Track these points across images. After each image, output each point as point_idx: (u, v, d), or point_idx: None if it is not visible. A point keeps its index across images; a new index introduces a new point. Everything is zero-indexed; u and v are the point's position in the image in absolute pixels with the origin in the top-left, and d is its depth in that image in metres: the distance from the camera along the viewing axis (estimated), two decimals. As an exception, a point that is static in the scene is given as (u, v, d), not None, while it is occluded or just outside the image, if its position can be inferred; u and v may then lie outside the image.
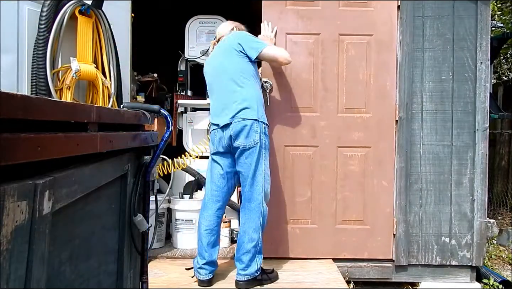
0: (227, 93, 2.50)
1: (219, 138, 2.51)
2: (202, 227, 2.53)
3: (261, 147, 2.43)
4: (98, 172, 1.02)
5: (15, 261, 0.60)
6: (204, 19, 3.99)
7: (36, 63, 2.21)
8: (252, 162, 2.42)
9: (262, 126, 2.44)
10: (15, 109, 0.61)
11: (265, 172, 2.47)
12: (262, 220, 2.47)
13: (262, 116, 2.47)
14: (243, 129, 2.39)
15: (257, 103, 2.47)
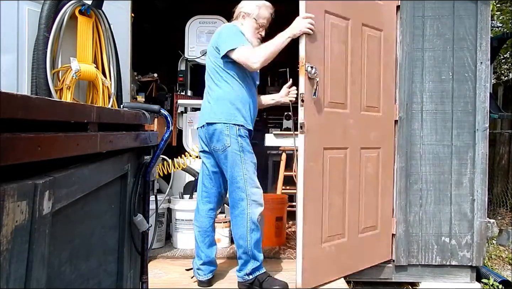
0: (205, 91, 2.48)
1: (200, 137, 2.49)
2: (195, 228, 2.52)
3: (236, 150, 2.33)
4: (98, 172, 1.02)
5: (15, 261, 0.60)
6: (204, 19, 4.00)
7: (36, 63, 2.21)
8: (228, 166, 2.35)
9: (234, 129, 2.33)
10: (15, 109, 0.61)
11: (247, 176, 2.35)
12: (250, 228, 2.33)
13: (235, 118, 2.35)
14: (214, 133, 2.35)
15: (232, 103, 2.36)
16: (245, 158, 2.36)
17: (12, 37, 2.21)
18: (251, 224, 2.34)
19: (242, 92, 2.42)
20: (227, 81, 2.39)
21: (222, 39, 2.41)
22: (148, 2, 4.55)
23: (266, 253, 3.10)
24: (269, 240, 3.28)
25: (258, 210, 2.36)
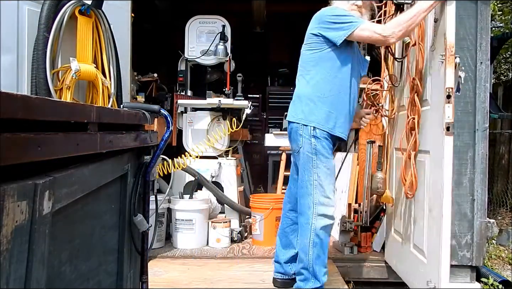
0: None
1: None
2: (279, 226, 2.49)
3: (309, 152, 2.14)
4: (98, 172, 1.02)
5: (15, 261, 0.60)
6: (204, 19, 3.99)
7: (36, 63, 2.20)
8: (300, 168, 2.19)
9: (309, 130, 2.14)
10: (15, 109, 0.61)
11: (318, 182, 2.13)
12: (313, 241, 2.13)
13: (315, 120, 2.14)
14: (290, 132, 2.25)
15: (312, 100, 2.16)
16: (317, 162, 2.14)
17: (12, 37, 2.21)
18: (315, 237, 2.13)
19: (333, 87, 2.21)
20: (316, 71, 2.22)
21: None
22: (148, 2, 4.56)
23: (266, 253, 3.10)
24: (269, 240, 3.28)
25: (325, 223, 2.14)
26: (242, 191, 3.85)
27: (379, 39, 2.12)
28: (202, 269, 2.75)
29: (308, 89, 2.20)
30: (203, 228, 3.25)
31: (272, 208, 3.26)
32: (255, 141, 5.38)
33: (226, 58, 3.86)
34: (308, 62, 2.24)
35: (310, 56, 2.23)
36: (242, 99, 3.77)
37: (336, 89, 2.18)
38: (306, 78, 2.23)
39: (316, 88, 2.18)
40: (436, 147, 2.06)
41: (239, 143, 4.10)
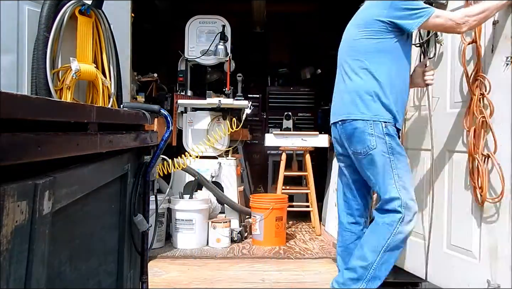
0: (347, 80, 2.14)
1: (334, 136, 2.16)
2: (338, 245, 2.23)
3: (384, 152, 1.95)
4: (98, 172, 1.02)
5: (15, 261, 0.60)
6: (204, 19, 4.00)
7: (36, 63, 2.20)
8: (370, 171, 1.99)
9: (381, 127, 1.96)
10: (15, 109, 0.61)
11: (401, 185, 1.96)
12: (389, 245, 1.93)
13: (386, 116, 1.98)
14: (353, 133, 2.00)
15: (378, 95, 1.99)
16: (396, 162, 1.97)
17: (12, 37, 2.21)
18: (393, 242, 1.93)
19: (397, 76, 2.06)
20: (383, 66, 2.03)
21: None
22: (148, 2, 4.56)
23: (266, 253, 3.10)
24: (269, 240, 3.28)
25: (409, 228, 1.97)
26: (242, 191, 3.85)
27: (451, 27, 1.96)
28: (202, 269, 2.75)
29: (372, 83, 1.99)
30: (203, 228, 3.25)
31: (272, 208, 3.26)
32: (255, 141, 5.39)
33: (226, 58, 3.86)
34: (370, 52, 2.02)
35: (371, 45, 2.01)
36: (242, 99, 3.78)
37: (401, 82, 2.05)
38: (370, 70, 2.00)
39: (382, 81, 1.99)
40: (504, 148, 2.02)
41: (239, 143, 4.10)
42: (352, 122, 2.01)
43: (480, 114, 2.10)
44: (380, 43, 2.00)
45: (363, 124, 1.97)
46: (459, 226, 2.29)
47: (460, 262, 2.26)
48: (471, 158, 2.15)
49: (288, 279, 2.59)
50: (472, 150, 2.13)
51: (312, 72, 5.60)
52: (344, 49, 2.15)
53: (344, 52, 2.15)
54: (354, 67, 2.06)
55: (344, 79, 2.12)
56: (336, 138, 2.17)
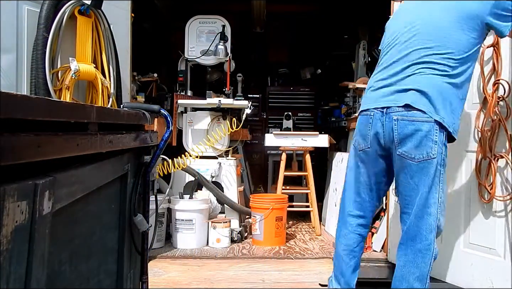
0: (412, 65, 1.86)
1: (376, 130, 1.84)
2: (340, 245, 2.04)
3: (439, 164, 1.77)
4: (98, 172, 1.02)
5: (15, 261, 0.60)
6: (204, 19, 3.99)
7: (35, 63, 2.20)
8: (422, 183, 1.77)
9: (443, 136, 1.76)
10: (15, 109, 0.61)
11: (441, 200, 1.80)
12: (431, 267, 1.82)
13: (453, 126, 1.78)
14: (415, 133, 1.74)
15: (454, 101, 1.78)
16: (444, 176, 1.81)
17: (11, 37, 2.20)
18: (433, 262, 1.82)
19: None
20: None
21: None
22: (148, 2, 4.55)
23: (266, 253, 3.10)
24: (269, 240, 3.28)
25: (437, 245, 1.87)
26: (242, 191, 3.85)
27: None
28: (202, 269, 2.75)
29: (452, 86, 1.77)
30: (203, 228, 3.25)
31: (272, 208, 3.26)
32: (255, 141, 5.39)
33: (226, 58, 3.86)
34: (461, 49, 1.76)
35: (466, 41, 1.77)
36: (242, 99, 3.77)
37: (466, 91, 1.87)
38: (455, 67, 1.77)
39: (460, 83, 1.78)
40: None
41: (239, 143, 4.10)
42: (414, 123, 1.74)
43: (497, 116, 2.13)
44: (472, 43, 1.78)
45: (429, 128, 1.73)
46: (478, 224, 2.30)
47: (480, 260, 2.27)
48: (482, 157, 2.20)
49: (288, 279, 2.58)
50: (485, 150, 2.16)
51: (312, 72, 5.60)
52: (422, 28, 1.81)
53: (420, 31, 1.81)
54: (438, 57, 1.76)
55: (413, 64, 1.79)
56: (378, 132, 1.83)
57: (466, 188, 2.38)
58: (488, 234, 2.24)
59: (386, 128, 1.80)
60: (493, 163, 2.16)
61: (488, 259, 2.24)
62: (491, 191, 2.16)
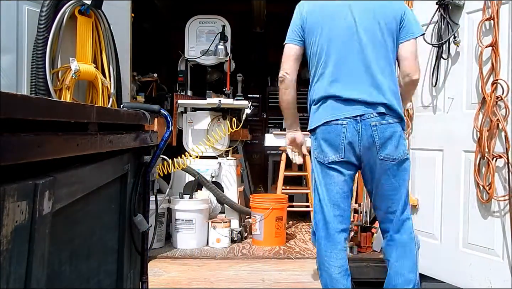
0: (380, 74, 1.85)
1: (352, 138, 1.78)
2: (334, 270, 1.84)
3: (408, 163, 1.87)
4: (98, 172, 1.02)
5: (15, 261, 0.60)
6: (204, 19, 4.00)
7: (36, 63, 2.20)
8: (399, 180, 1.83)
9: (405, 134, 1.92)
10: (15, 109, 0.61)
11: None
12: (418, 254, 1.89)
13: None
14: (393, 135, 1.78)
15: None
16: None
17: (12, 37, 2.20)
18: (418, 248, 1.90)
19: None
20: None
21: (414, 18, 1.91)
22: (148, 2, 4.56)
23: (266, 253, 3.10)
24: (269, 240, 3.28)
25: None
26: (242, 191, 3.85)
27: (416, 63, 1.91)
28: (202, 269, 2.75)
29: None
30: (203, 228, 3.25)
31: (272, 208, 3.26)
32: (255, 141, 5.38)
33: (226, 58, 3.86)
34: (393, 56, 1.87)
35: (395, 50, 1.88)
36: (242, 99, 3.78)
37: None
38: (394, 74, 1.87)
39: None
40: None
41: (239, 143, 4.10)
42: (392, 124, 1.78)
43: (495, 116, 2.14)
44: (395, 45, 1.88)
45: (400, 127, 1.81)
46: (477, 224, 2.30)
47: (479, 260, 2.27)
48: (480, 157, 2.19)
49: (288, 279, 2.59)
50: (484, 150, 2.16)
51: (312, 72, 5.59)
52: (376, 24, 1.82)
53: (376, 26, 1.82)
54: (390, 56, 1.84)
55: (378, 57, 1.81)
56: (338, 141, 1.80)
57: (464, 188, 2.38)
58: (486, 234, 2.24)
59: (362, 135, 1.78)
60: (491, 163, 2.16)
61: (487, 259, 2.24)
62: (490, 191, 2.16)
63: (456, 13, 2.44)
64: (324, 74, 1.87)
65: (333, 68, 1.85)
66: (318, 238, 1.88)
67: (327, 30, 1.86)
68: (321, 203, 1.87)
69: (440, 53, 2.51)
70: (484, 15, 2.25)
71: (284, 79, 1.92)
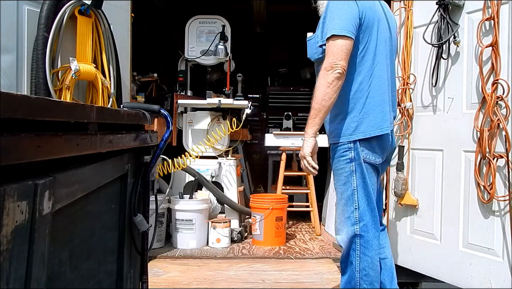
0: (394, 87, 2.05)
1: (385, 144, 1.93)
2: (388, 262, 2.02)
3: None
4: (98, 172, 1.02)
5: (15, 261, 0.60)
6: (204, 19, 4.00)
7: (36, 63, 2.20)
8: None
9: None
10: (15, 109, 0.61)
11: None
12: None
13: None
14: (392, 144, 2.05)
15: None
16: None
17: (12, 37, 2.20)
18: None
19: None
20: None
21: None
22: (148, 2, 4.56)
23: (266, 253, 3.10)
24: (269, 240, 3.28)
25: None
26: (242, 191, 3.85)
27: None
28: (202, 269, 2.75)
29: None
30: (203, 228, 3.25)
31: (272, 208, 3.26)
32: (255, 141, 5.38)
33: (226, 58, 3.86)
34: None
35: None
36: (242, 99, 3.78)
37: None
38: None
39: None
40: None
41: (239, 143, 4.10)
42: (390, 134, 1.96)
43: (496, 116, 2.15)
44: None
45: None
46: (477, 224, 2.30)
47: (479, 260, 2.27)
48: (481, 157, 2.20)
49: (288, 279, 2.59)
50: (484, 150, 2.16)
51: (312, 72, 5.59)
52: (388, 48, 1.95)
53: (388, 51, 1.95)
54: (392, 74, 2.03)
55: (394, 73, 2.06)
56: (388, 146, 1.95)
57: (464, 188, 2.38)
58: (486, 234, 2.24)
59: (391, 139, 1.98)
60: (492, 163, 2.16)
61: (487, 259, 2.24)
62: (491, 191, 2.16)
63: (456, 13, 2.44)
64: (380, 77, 1.89)
65: (385, 72, 1.93)
66: (369, 239, 1.87)
67: (381, 31, 1.88)
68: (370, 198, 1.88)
69: (440, 53, 2.51)
70: (484, 15, 2.25)
71: (342, 76, 1.75)
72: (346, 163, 1.87)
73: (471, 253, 2.33)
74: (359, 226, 1.86)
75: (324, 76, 1.76)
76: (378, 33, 1.86)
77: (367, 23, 1.82)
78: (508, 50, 2.16)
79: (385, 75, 1.90)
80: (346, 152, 1.87)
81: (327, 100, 1.76)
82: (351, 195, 1.86)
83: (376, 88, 1.85)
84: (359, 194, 1.86)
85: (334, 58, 1.74)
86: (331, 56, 1.75)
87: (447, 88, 2.50)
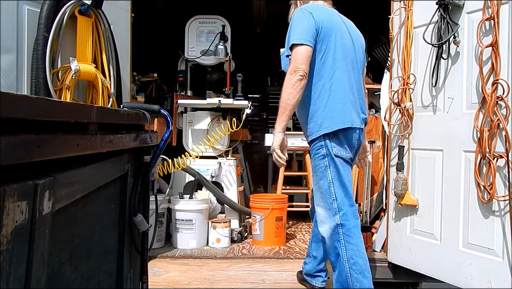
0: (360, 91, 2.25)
1: (354, 140, 2.14)
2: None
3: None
4: (98, 172, 1.02)
5: (15, 261, 0.60)
6: (204, 19, 4.00)
7: (36, 63, 2.20)
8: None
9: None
10: (15, 109, 0.61)
11: None
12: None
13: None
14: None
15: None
16: None
17: (12, 37, 2.20)
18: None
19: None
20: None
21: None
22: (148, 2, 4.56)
23: (266, 253, 3.10)
24: (269, 240, 3.28)
25: None
26: (242, 191, 3.85)
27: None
28: (202, 269, 2.75)
29: None
30: (203, 228, 3.25)
31: (272, 208, 3.26)
32: (255, 141, 5.38)
33: (226, 58, 3.86)
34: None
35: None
36: (242, 99, 3.78)
37: None
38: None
39: None
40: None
41: (239, 143, 4.10)
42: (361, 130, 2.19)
43: (496, 116, 2.14)
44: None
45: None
46: (477, 224, 2.30)
47: (479, 260, 2.27)
48: (481, 157, 2.20)
49: (288, 279, 2.59)
50: (484, 150, 2.16)
51: (312, 72, 5.59)
52: (350, 55, 2.19)
53: (351, 58, 2.19)
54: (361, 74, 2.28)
55: (360, 80, 2.26)
56: (354, 142, 2.14)
57: (464, 188, 2.38)
58: (487, 234, 2.24)
59: (359, 138, 2.17)
60: (492, 163, 2.16)
61: (487, 259, 2.24)
62: (491, 191, 2.16)
63: (456, 13, 2.43)
64: (341, 78, 2.11)
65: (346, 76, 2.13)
66: (351, 227, 2.04)
67: (339, 39, 2.11)
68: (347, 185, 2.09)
69: (440, 53, 2.51)
70: (484, 15, 2.25)
71: (303, 78, 2.00)
72: (320, 159, 2.06)
73: (471, 253, 2.33)
74: (339, 215, 2.03)
75: (288, 79, 2.01)
76: (336, 41, 2.09)
77: (324, 33, 2.07)
78: (508, 50, 2.16)
79: (346, 78, 2.11)
80: (319, 150, 2.06)
81: (291, 100, 2.00)
82: (328, 188, 2.05)
83: (336, 89, 2.07)
84: (335, 186, 2.05)
85: (296, 63, 1.99)
86: (293, 62, 2.01)
87: (447, 88, 2.50)
